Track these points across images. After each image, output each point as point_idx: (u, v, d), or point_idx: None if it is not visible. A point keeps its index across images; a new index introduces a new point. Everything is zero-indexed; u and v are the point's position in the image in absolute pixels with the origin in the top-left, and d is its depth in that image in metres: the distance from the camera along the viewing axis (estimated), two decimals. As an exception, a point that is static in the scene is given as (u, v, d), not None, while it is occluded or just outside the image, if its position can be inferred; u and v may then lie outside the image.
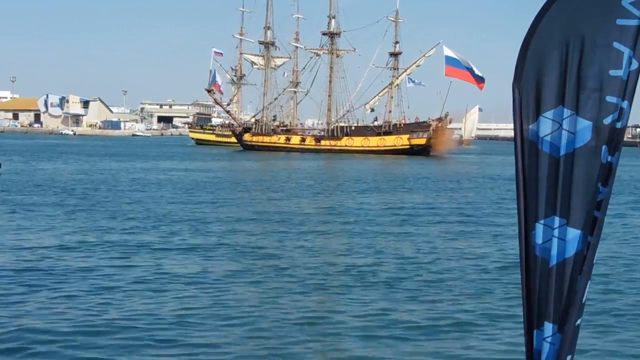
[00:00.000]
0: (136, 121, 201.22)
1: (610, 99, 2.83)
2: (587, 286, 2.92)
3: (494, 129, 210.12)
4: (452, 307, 13.78)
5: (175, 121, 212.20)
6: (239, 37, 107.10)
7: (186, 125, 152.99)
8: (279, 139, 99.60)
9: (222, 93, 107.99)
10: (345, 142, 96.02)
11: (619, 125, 2.83)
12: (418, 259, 18.91)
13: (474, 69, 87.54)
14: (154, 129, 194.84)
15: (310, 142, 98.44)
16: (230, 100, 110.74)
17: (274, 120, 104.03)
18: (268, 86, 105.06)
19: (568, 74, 2.86)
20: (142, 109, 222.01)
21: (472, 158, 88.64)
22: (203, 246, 20.34)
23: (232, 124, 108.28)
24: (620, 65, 2.81)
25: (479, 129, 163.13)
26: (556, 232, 2.95)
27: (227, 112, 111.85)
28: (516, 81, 2.95)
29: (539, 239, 3.01)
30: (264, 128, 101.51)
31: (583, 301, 2.94)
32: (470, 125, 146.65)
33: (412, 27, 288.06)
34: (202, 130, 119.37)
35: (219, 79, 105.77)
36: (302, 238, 22.35)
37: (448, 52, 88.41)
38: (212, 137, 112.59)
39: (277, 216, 27.58)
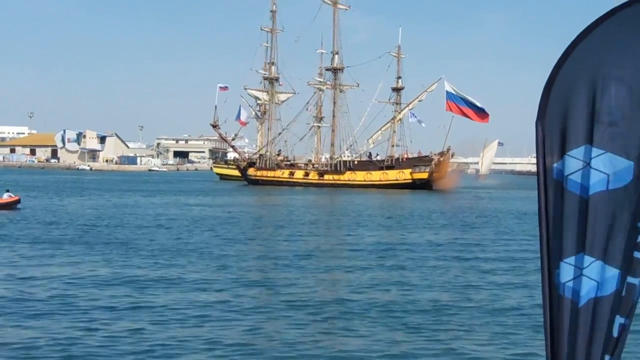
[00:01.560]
0: (152, 156, 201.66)
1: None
2: (626, 327, 2.84)
3: (510, 163, 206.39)
4: (470, 346, 13.65)
5: (191, 156, 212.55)
6: (263, 72, 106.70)
7: (202, 160, 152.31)
8: (283, 174, 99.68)
9: (244, 125, 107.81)
10: (348, 177, 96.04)
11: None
12: (437, 295, 18.76)
13: (476, 103, 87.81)
14: (170, 164, 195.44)
15: (313, 177, 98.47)
16: (235, 135, 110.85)
17: (279, 154, 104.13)
18: (272, 121, 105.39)
19: (597, 114, 2.81)
20: (158, 144, 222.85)
21: (480, 193, 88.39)
22: (217, 280, 20.30)
23: (237, 159, 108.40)
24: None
25: (495, 162, 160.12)
26: (586, 271, 2.88)
27: (232, 147, 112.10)
28: (540, 119, 2.90)
29: (564, 278, 2.94)
30: (267, 162, 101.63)
31: (618, 341, 2.85)
32: (488, 159, 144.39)
33: (415, 61, 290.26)
34: (225, 166, 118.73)
35: (243, 114, 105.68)
36: (324, 274, 22.19)
37: (449, 87, 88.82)
38: (236, 172, 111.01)
39: (305, 253, 27.39)
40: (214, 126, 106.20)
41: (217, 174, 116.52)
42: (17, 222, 36.94)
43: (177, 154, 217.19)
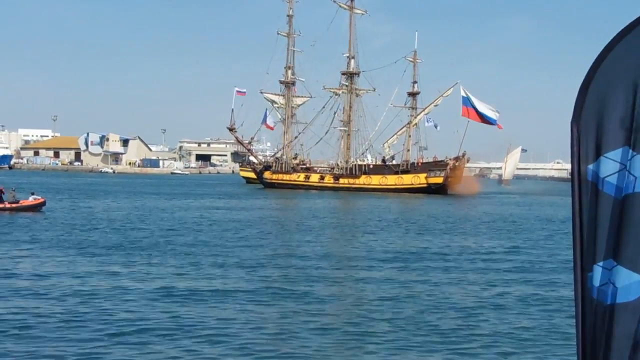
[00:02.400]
0: (175, 159, 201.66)
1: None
2: None
3: (533, 169, 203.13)
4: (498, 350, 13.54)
5: (213, 159, 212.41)
6: (294, 78, 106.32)
7: (223, 164, 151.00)
8: (299, 177, 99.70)
9: (272, 129, 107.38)
10: (363, 181, 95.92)
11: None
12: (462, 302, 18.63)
13: (486, 113, 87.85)
14: (192, 167, 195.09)
15: (329, 180, 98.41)
16: (252, 138, 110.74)
17: (295, 158, 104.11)
18: (288, 125, 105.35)
19: (636, 116, 2.74)
20: (180, 147, 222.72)
21: (504, 198, 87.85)
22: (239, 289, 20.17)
23: (254, 162, 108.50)
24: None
25: (518, 168, 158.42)
26: (617, 275, 2.82)
27: (249, 150, 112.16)
28: (575, 120, 2.84)
29: (596, 281, 2.88)
30: (283, 166, 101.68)
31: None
32: (511, 165, 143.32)
33: (433, 65, 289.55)
34: (252, 169, 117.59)
35: (269, 118, 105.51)
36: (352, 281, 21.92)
37: (464, 92, 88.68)
38: None
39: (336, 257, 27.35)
40: (231, 129, 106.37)
41: (244, 177, 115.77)
42: (42, 225, 36.96)
43: (199, 157, 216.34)
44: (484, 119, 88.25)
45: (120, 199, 62.54)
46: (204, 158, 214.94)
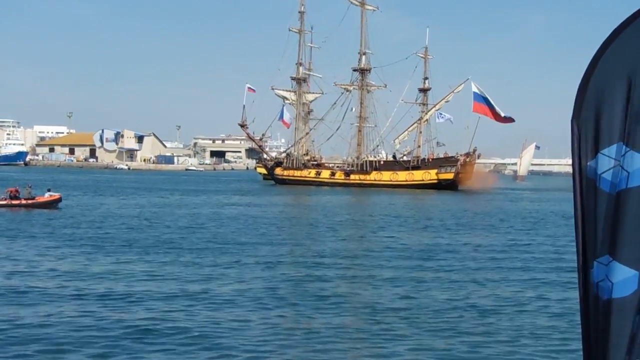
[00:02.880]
0: (189, 156, 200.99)
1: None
2: None
3: (547, 165, 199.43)
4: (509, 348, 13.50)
5: (228, 156, 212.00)
6: (308, 72, 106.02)
7: (238, 160, 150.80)
8: (310, 173, 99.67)
9: (288, 126, 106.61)
10: (374, 177, 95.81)
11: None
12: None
13: (499, 110, 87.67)
14: (206, 164, 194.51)
15: (339, 177, 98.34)
16: (263, 135, 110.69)
17: (306, 154, 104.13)
18: (299, 121, 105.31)
19: (630, 110, 2.75)
20: (195, 143, 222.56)
21: (519, 194, 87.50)
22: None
23: (266, 159, 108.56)
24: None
25: (533, 164, 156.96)
26: (614, 270, 2.84)
27: (260, 147, 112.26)
28: (575, 117, 2.85)
29: (597, 277, 2.90)
30: (294, 162, 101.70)
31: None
32: (526, 161, 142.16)
33: (445, 62, 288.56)
34: (263, 166, 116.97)
35: (286, 115, 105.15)
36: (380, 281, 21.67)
37: (476, 88, 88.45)
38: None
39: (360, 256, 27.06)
40: (242, 126, 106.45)
41: (261, 173, 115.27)
42: (58, 221, 36.86)
43: (213, 153, 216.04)
44: (496, 114, 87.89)
45: (136, 196, 62.32)
46: (218, 154, 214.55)
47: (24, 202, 44.27)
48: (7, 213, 40.85)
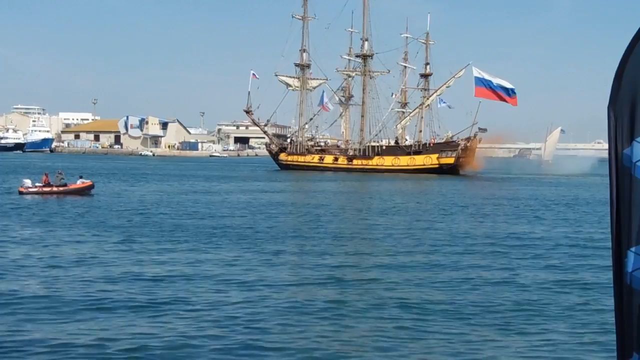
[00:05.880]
0: (213, 142, 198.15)
1: None
2: None
3: (572, 149, 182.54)
4: (542, 338, 13.22)
5: (252, 142, 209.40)
6: (347, 57, 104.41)
7: (262, 146, 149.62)
8: (313, 159, 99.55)
9: (327, 111, 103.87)
10: (376, 162, 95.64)
11: None
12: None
13: (505, 84, 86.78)
14: (230, 150, 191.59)
15: (342, 162, 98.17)
16: (268, 121, 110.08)
17: (311, 140, 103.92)
18: (303, 107, 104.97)
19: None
20: (219, 130, 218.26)
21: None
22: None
23: (269, 144, 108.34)
24: None
25: (557, 148, 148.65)
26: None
27: (265, 132, 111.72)
28: (611, 104, 2.76)
29: (630, 267, 2.81)
30: (298, 148, 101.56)
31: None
32: (551, 145, 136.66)
33: (444, 47, 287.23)
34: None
35: (326, 99, 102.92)
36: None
37: (477, 72, 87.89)
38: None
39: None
40: (247, 112, 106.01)
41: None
42: (92, 208, 36.03)
43: (237, 139, 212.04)
44: (500, 94, 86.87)
45: (164, 182, 61.54)
46: (242, 141, 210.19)
47: (55, 189, 43.29)
48: (39, 200, 40.20)
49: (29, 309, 14.65)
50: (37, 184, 43.92)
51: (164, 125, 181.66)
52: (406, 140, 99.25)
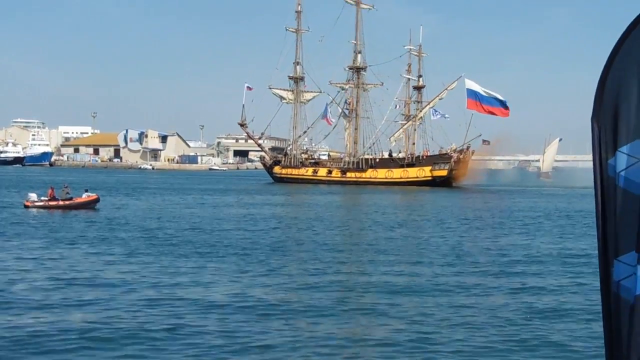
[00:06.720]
0: (213, 155, 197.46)
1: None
2: None
3: (572, 160, 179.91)
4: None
5: (251, 155, 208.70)
6: (353, 65, 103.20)
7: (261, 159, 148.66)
8: (307, 172, 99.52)
9: (331, 124, 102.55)
10: (370, 174, 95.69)
11: None
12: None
13: (497, 96, 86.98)
14: (230, 163, 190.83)
15: (336, 174, 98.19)
16: (262, 134, 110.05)
17: (305, 152, 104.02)
18: (298, 120, 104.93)
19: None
20: (218, 143, 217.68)
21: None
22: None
23: (263, 157, 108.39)
24: None
25: (557, 160, 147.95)
26: (638, 270, 2.77)
27: (259, 145, 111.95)
28: (595, 115, 2.77)
29: (618, 276, 2.82)
30: (292, 161, 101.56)
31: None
32: (549, 157, 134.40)
33: (437, 58, 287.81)
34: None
35: (330, 112, 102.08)
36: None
37: (470, 85, 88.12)
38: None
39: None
40: (242, 125, 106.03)
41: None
42: (99, 223, 35.61)
43: (237, 153, 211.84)
44: (489, 108, 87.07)
45: (165, 196, 61.27)
46: (241, 154, 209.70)
47: (61, 203, 43.00)
48: (45, 214, 39.91)
49: (30, 324, 14.53)
50: (42, 198, 43.70)
51: (164, 139, 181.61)
52: (400, 152, 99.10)
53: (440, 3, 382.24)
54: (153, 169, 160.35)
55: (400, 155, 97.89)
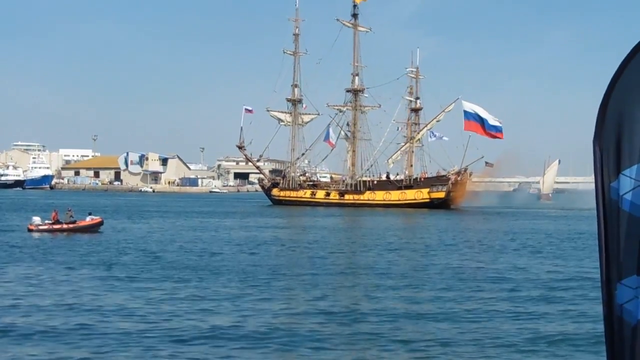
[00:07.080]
0: (213, 178, 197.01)
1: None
2: None
3: (572, 182, 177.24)
4: None
5: (251, 177, 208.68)
6: (351, 87, 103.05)
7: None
8: (305, 194, 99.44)
9: (333, 146, 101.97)
10: (367, 196, 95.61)
11: None
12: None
13: (489, 119, 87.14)
14: (230, 186, 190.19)
15: (334, 197, 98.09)
16: (260, 156, 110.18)
17: (303, 175, 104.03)
18: (296, 142, 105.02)
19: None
20: (219, 165, 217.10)
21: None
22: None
23: (262, 180, 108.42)
24: None
25: (557, 182, 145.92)
26: (637, 293, 2.75)
27: (257, 167, 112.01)
28: (596, 138, 2.76)
29: (620, 299, 2.81)
30: (290, 183, 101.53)
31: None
32: (550, 179, 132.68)
33: (435, 81, 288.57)
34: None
35: (332, 135, 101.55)
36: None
37: (467, 106, 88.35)
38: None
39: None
40: (240, 147, 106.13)
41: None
42: (103, 246, 35.43)
43: (237, 175, 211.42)
44: (488, 131, 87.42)
45: (166, 219, 61.04)
46: (242, 176, 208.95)
47: (65, 226, 42.81)
48: (48, 237, 39.66)
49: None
50: (46, 221, 43.51)
51: (164, 161, 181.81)
52: (398, 174, 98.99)
53: (440, 26, 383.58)
54: (153, 191, 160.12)
55: (398, 177, 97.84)
